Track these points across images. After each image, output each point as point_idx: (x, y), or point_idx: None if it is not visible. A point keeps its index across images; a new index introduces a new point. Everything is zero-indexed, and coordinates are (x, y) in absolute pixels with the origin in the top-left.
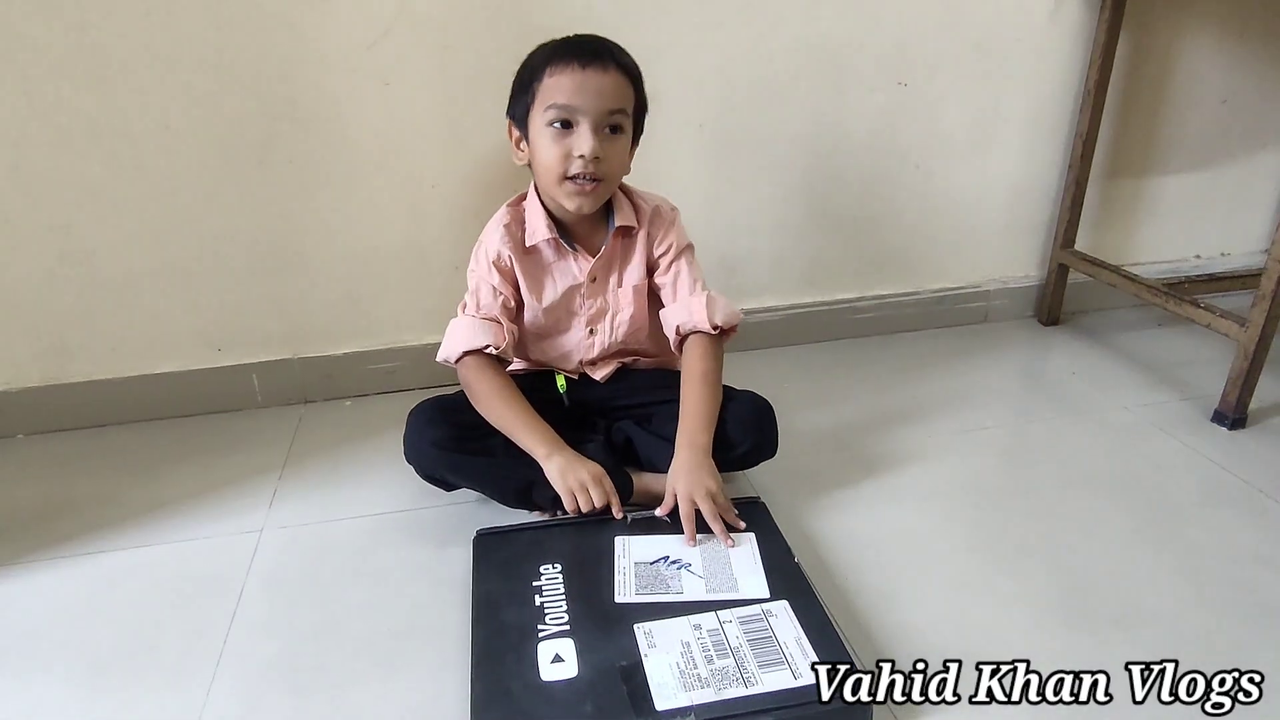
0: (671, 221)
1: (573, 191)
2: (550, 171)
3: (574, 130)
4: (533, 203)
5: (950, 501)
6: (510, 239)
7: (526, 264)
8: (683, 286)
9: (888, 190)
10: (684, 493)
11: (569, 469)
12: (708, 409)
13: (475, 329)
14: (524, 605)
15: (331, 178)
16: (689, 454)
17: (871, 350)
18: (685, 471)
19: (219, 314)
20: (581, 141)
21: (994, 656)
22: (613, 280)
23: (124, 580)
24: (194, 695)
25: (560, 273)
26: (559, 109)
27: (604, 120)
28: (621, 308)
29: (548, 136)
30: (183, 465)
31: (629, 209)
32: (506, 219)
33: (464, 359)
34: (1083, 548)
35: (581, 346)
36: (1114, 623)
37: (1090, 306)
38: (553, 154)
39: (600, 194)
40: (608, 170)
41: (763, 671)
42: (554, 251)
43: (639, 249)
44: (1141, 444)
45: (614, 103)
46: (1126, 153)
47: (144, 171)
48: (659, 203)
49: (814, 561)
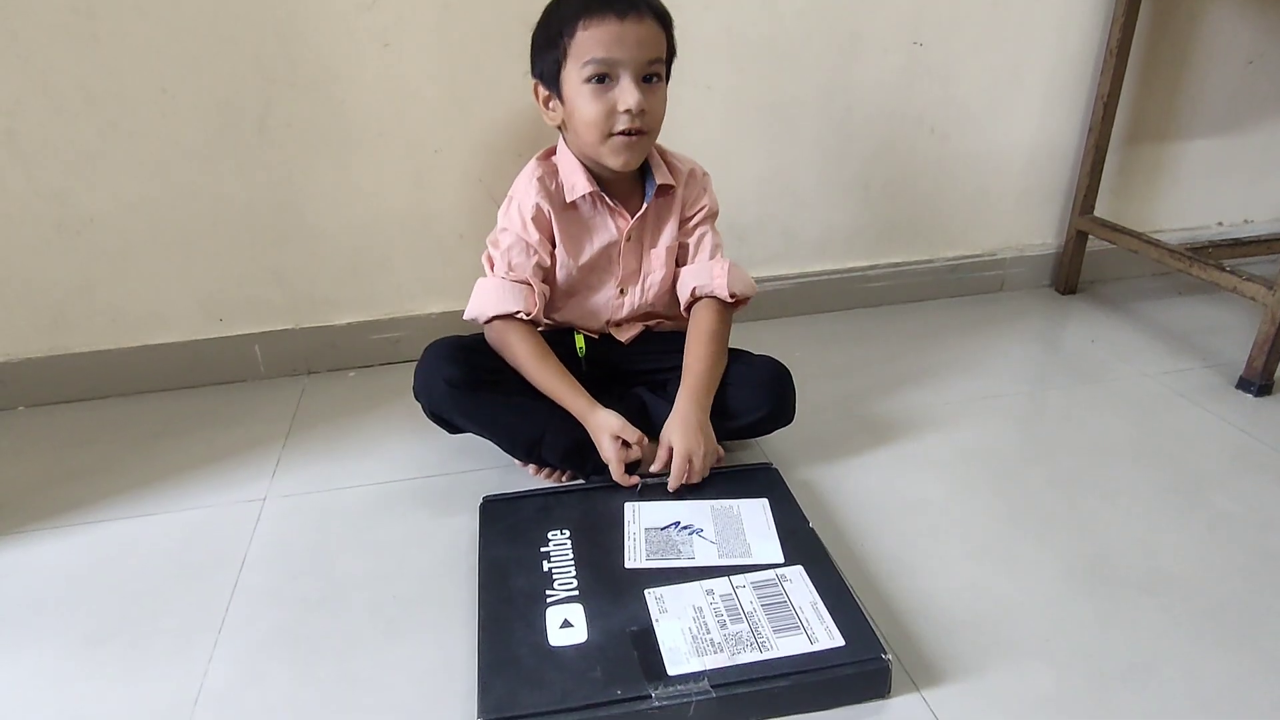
0: (704, 186)
1: (620, 146)
2: (593, 129)
3: (615, 84)
4: (566, 158)
5: (968, 469)
6: (546, 192)
7: (564, 220)
8: (704, 250)
9: (902, 155)
10: (681, 449)
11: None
12: (712, 367)
13: (505, 293)
14: (532, 571)
15: (332, 143)
16: (690, 409)
17: (884, 320)
18: (684, 428)
19: (220, 283)
20: (626, 95)
21: (1016, 625)
22: (647, 240)
23: (125, 550)
24: (195, 665)
25: (599, 230)
26: (599, 63)
27: (644, 71)
28: (654, 269)
29: (586, 94)
30: (184, 436)
31: (665, 169)
32: (539, 172)
33: (493, 321)
34: (1106, 515)
35: (610, 306)
36: (1142, 589)
37: (1109, 275)
38: (595, 111)
39: (645, 146)
40: (651, 122)
41: (777, 636)
42: (593, 208)
43: (675, 210)
44: (1164, 411)
45: (653, 52)
46: (1148, 116)
47: (140, 137)
48: (693, 165)
49: (828, 528)
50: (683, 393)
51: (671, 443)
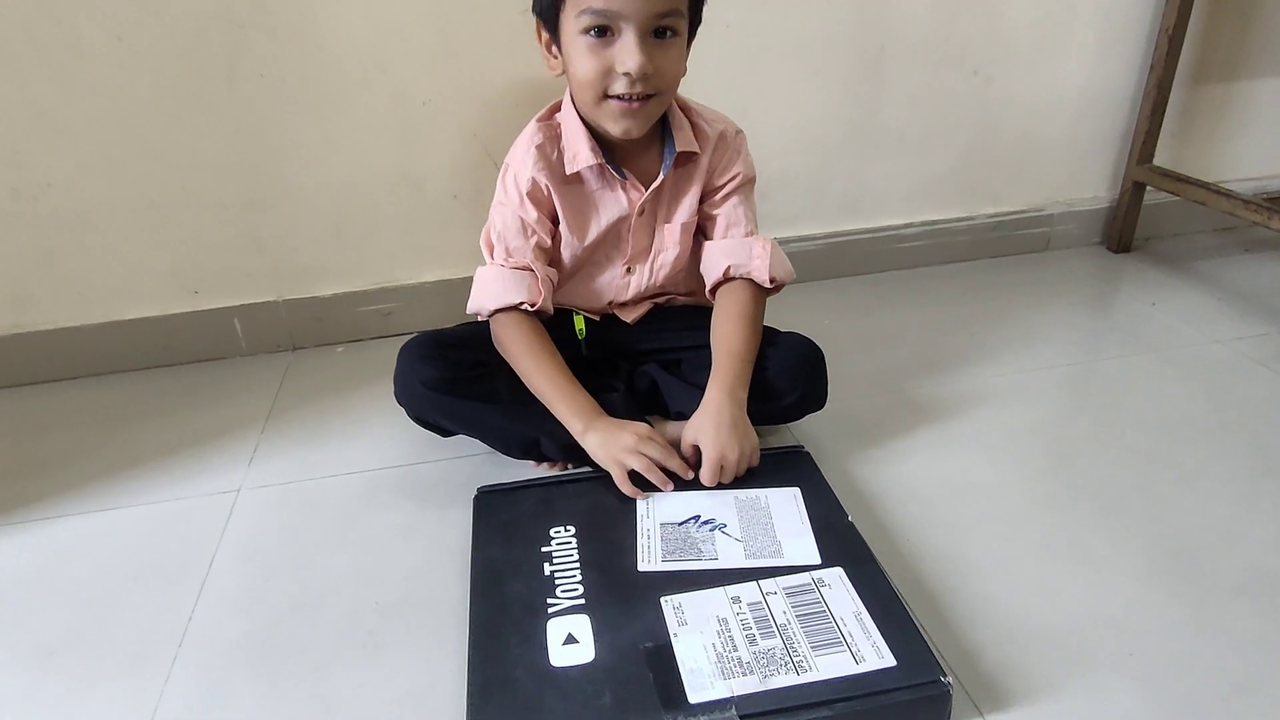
0: (738, 149)
1: (617, 113)
2: (588, 89)
3: (615, 39)
4: (570, 118)
5: (1021, 450)
6: (545, 163)
7: (567, 194)
8: (739, 224)
9: (941, 101)
10: (713, 453)
11: (609, 440)
12: (747, 353)
13: (506, 282)
14: (531, 576)
15: (309, 95)
16: (722, 402)
17: (920, 283)
18: (716, 425)
19: (193, 252)
20: (626, 55)
21: (1092, 634)
22: (661, 215)
23: (83, 549)
24: (150, 681)
25: (606, 205)
26: (594, 14)
27: (652, 24)
28: (666, 247)
29: (582, 47)
30: (158, 419)
31: (689, 131)
32: (539, 138)
33: (496, 315)
34: (1185, 502)
35: (614, 287)
36: (1236, 590)
37: (1166, 231)
38: (590, 68)
39: (651, 112)
40: (660, 84)
41: (817, 655)
42: (599, 179)
43: (697, 180)
44: (1241, 381)
45: (664, 3)
46: (1216, 52)
47: (96, 91)
48: (724, 126)
49: (867, 521)
50: (714, 383)
51: (699, 443)
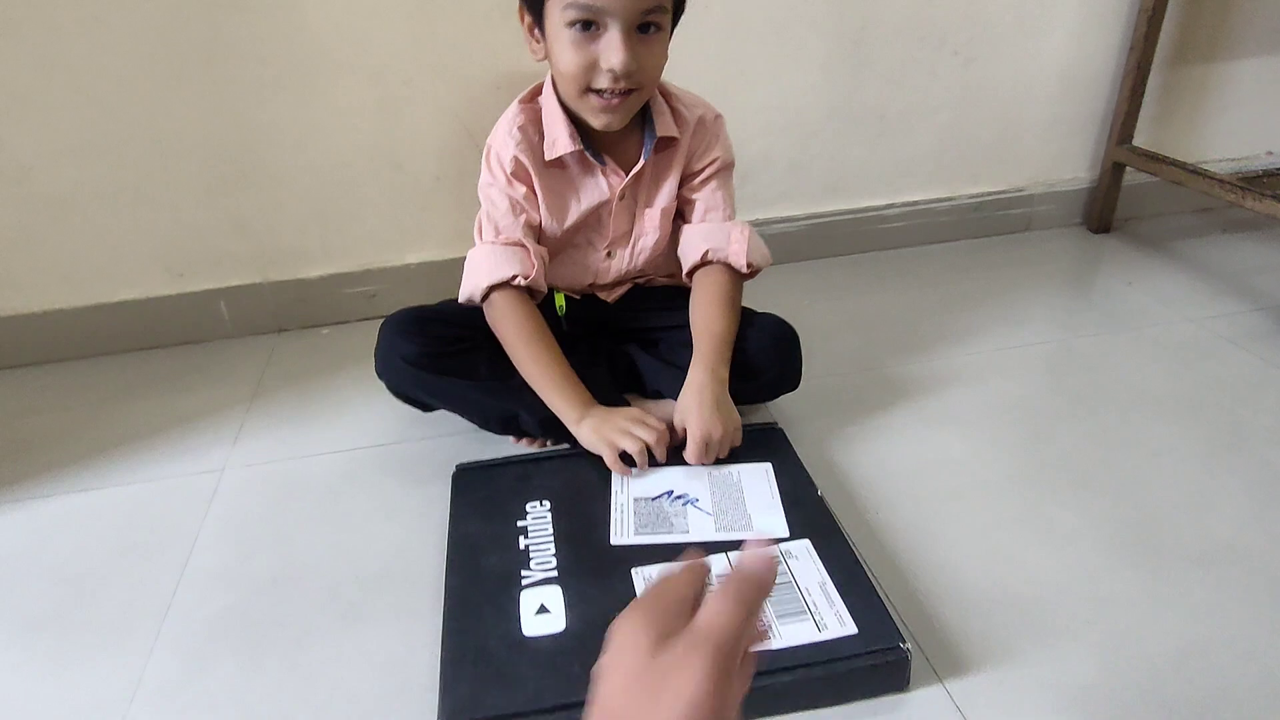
0: (716, 134)
1: (598, 108)
2: (571, 82)
3: (602, 34)
4: (551, 103)
5: (994, 426)
6: (527, 144)
7: (547, 178)
8: (717, 209)
9: (921, 81)
10: (699, 431)
11: (602, 424)
12: (727, 333)
13: (497, 258)
14: (507, 549)
15: (288, 75)
16: (705, 382)
17: (901, 263)
18: (699, 404)
19: (176, 235)
20: (610, 52)
21: (1053, 604)
22: (642, 200)
23: (68, 527)
24: (134, 655)
25: (586, 190)
26: (580, 8)
27: (638, 20)
28: (646, 232)
29: (566, 39)
30: (141, 401)
31: (669, 116)
32: (520, 119)
33: (490, 297)
34: (1150, 476)
35: (595, 270)
36: (1194, 561)
37: (1145, 212)
38: (573, 62)
39: (632, 105)
40: (642, 79)
41: (781, 623)
42: (579, 164)
43: (676, 165)
44: (1211, 359)
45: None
46: (1196, 33)
47: (75, 72)
48: (703, 111)
49: (839, 496)
50: (697, 363)
51: (686, 422)
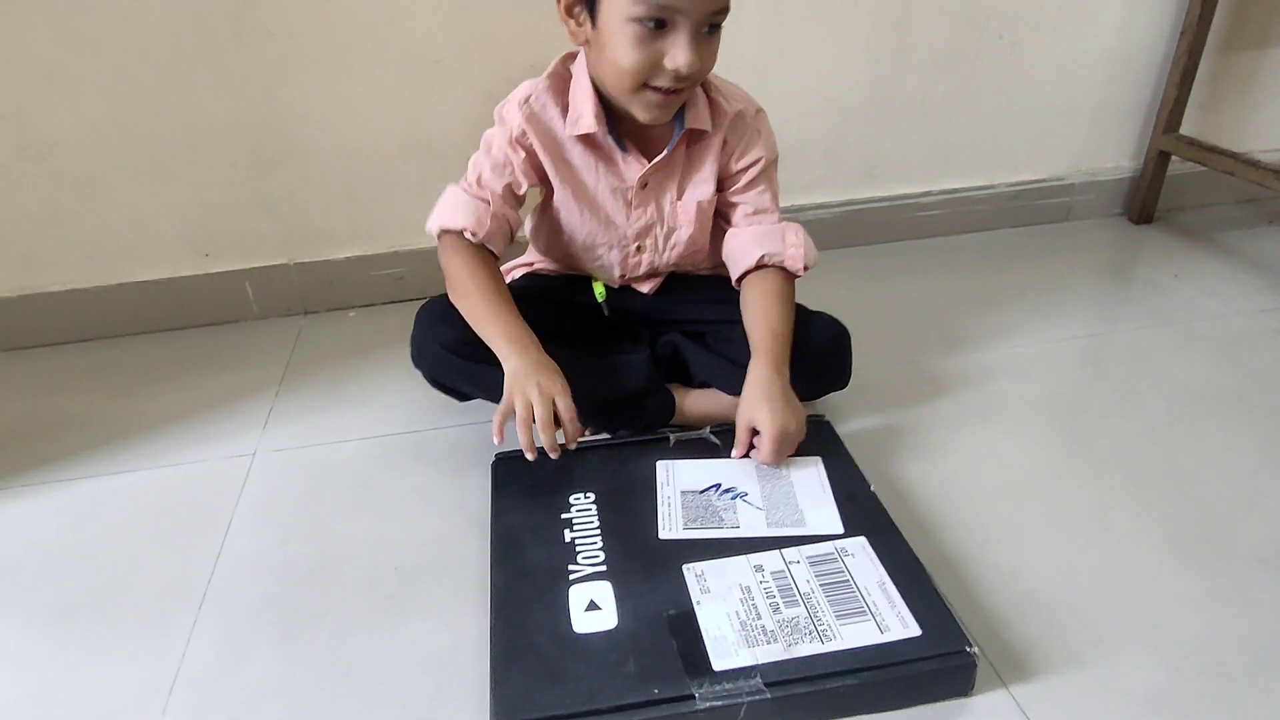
0: (758, 129)
1: (653, 103)
2: (628, 76)
3: (670, 33)
4: (581, 79)
5: (1041, 421)
6: (544, 116)
7: (559, 153)
8: (766, 210)
9: (964, 65)
10: (774, 428)
11: (524, 373)
12: (788, 332)
13: (458, 205)
14: (552, 542)
15: (319, 53)
16: (771, 378)
17: (937, 253)
18: (770, 401)
19: (204, 214)
20: (679, 52)
21: (1118, 606)
22: (670, 192)
23: (101, 511)
24: (173, 642)
25: (602, 172)
26: (653, 6)
27: (707, 21)
28: (680, 225)
29: (629, 35)
30: (169, 382)
31: (704, 108)
32: (545, 86)
33: (442, 238)
34: (1210, 475)
35: (626, 264)
36: (1261, 563)
37: (1188, 203)
38: (635, 58)
39: (682, 100)
40: (698, 76)
41: (841, 624)
42: (598, 148)
43: (711, 159)
44: (1266, 353)
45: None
46: (1250, 16)
47: (103, 47)
48: (743, 105)
49: (889, 492)
50: (759, 360)
51: (756, 422)
